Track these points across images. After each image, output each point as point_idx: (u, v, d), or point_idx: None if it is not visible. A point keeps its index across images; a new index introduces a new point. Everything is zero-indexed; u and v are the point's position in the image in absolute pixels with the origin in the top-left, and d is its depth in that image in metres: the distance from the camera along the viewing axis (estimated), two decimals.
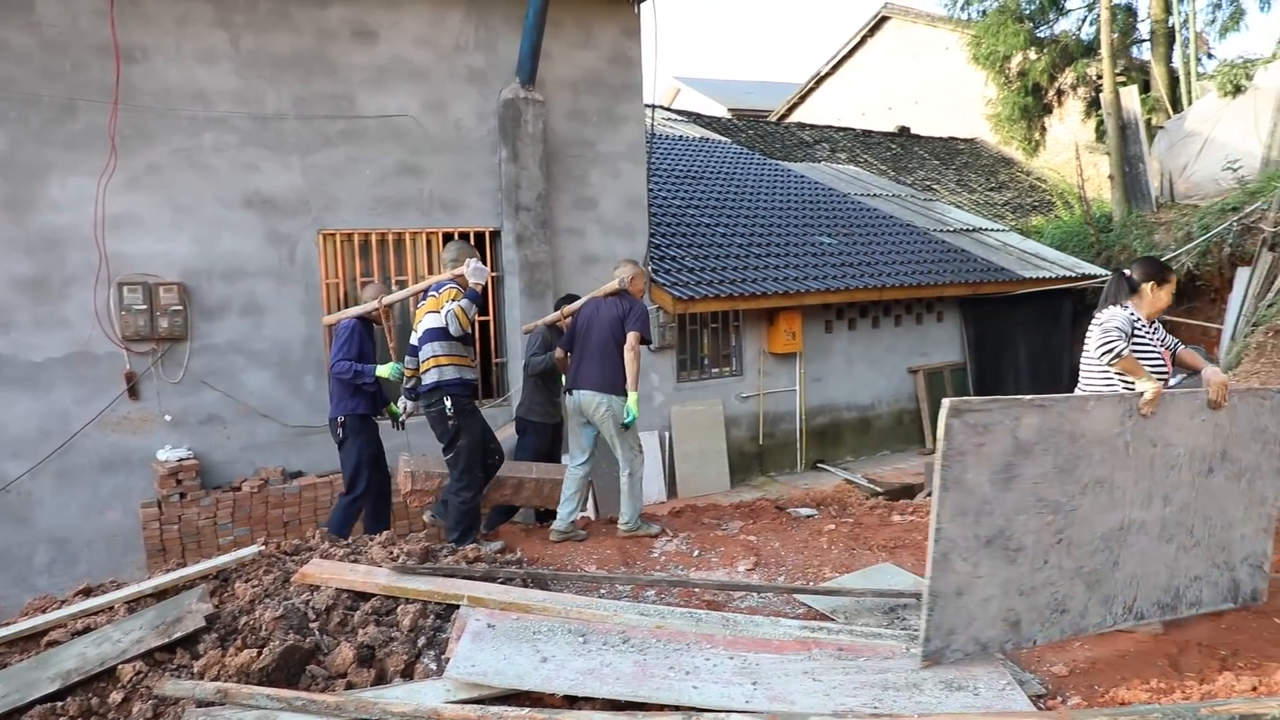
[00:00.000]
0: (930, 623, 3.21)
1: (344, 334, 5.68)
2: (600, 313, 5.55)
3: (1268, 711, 2.92)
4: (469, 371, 5.29)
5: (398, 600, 3.61)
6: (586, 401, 5.43)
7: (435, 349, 5.18)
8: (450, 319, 5.02)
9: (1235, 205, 12.03)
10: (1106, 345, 3.77)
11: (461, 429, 5.18)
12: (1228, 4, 17.06)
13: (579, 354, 5.56)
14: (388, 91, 7.20)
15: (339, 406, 5.74)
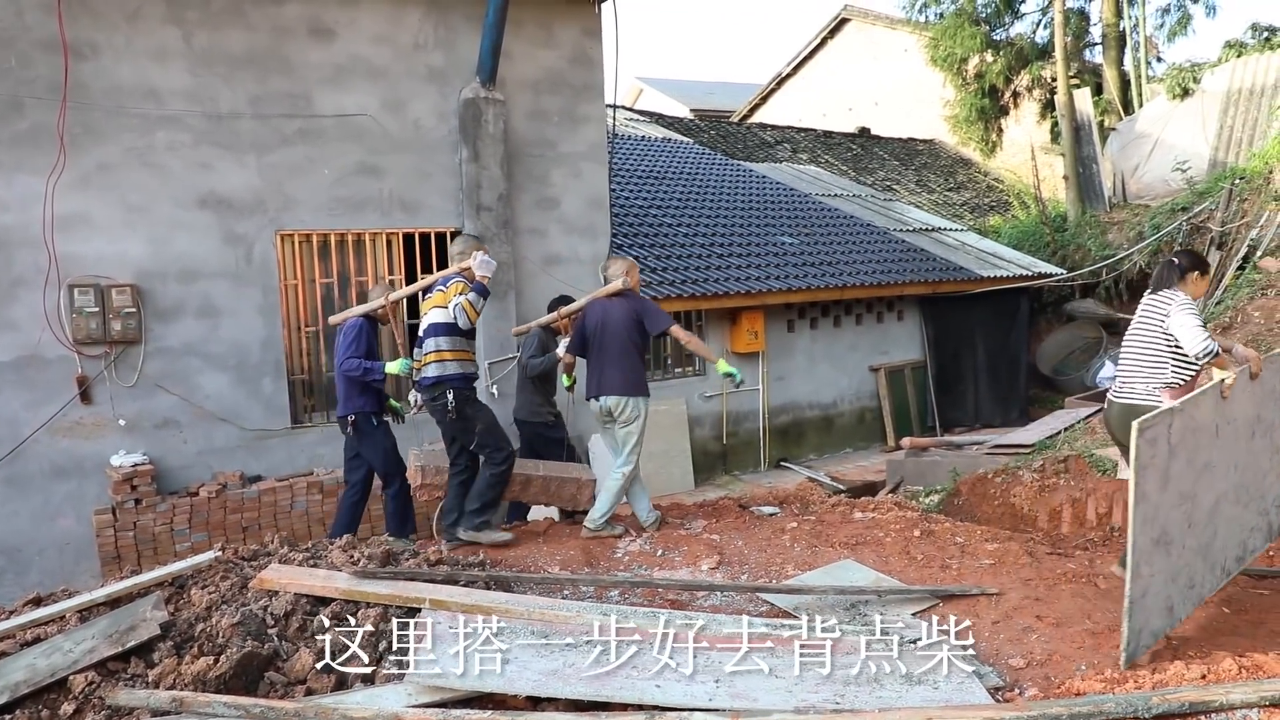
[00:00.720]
0: (1130, 629, 3.42)
1: (350, 333, 5.67)
2: (611, 315, 5.50)
3: (1215, 698, 2.99)
4: (471, 366, 5.32)
5: (358, 604, 3.57)
6: (614, 405, 5.44)
7: (440, 343, 5.18)
8: (459, 312, 5.04)
9: (1184, 205, 12.34)
10: (1205, 346, 4.05)
11: (473, 418, 5.24)
12: (1175, 9, 17.51)
13: (597, 359, 5.52)
14: (346, 90, 7.12)
15: (348, 405, 5.73)
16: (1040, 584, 4.47)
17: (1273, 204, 10.81)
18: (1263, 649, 3.66)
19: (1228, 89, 13.85)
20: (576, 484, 5.81)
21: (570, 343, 5.78)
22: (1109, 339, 12.53)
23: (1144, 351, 4.30)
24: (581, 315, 5.73)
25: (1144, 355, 4.30)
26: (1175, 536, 3.65)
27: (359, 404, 5.72)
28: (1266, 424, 4.31)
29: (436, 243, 7.57)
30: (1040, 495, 7.07)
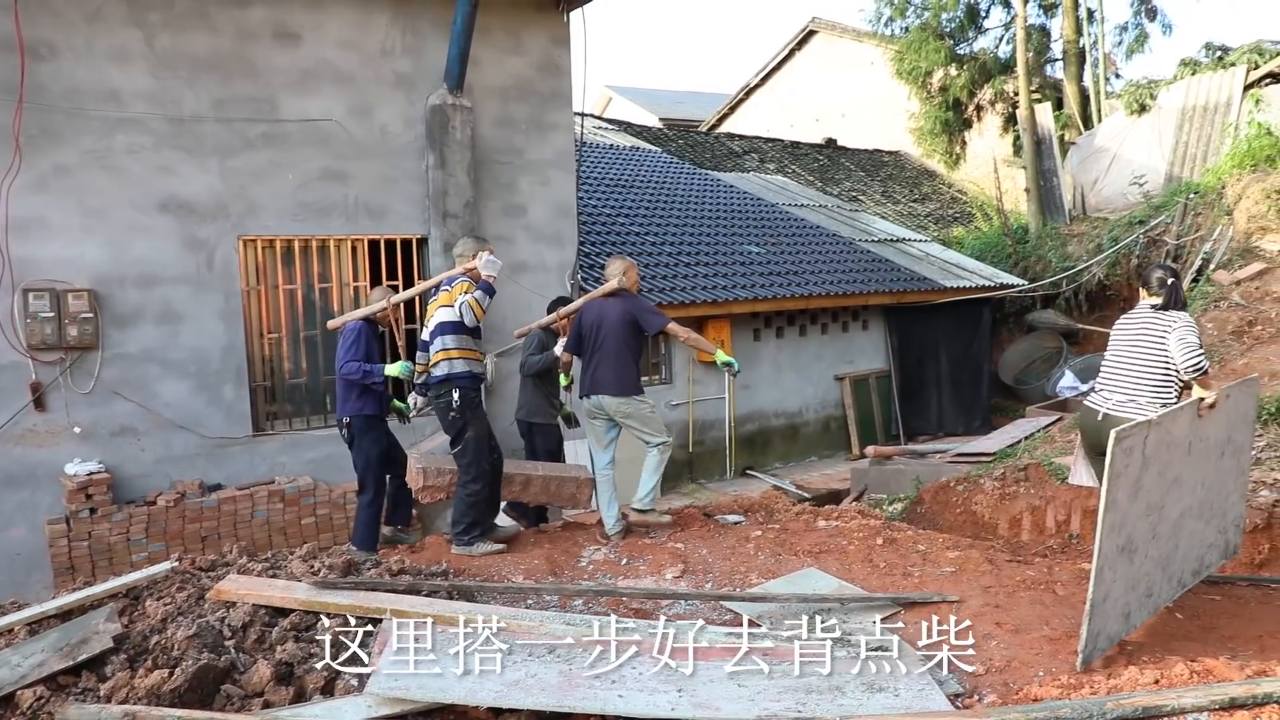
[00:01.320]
0: (1089, 632, 3.47)
1: (350, 336, 5.69)
2: (607, 314, 5.57)
3: (1168, 703, 3.05)
4: (478, 365, 5.40)
5: (318, 615, 3.53)
6: (607, 404, 5.53)
7: (447, 342, 5.26)
8: (465, 310, 5.12)
9: (1141, 219, 12.60)
10: (1197, 362, 4.18)
11: (468, 422, 5.26)
12: (1133, 28, 17.92)
13: (593, 358, 5.59)
14: (311, 95, 7.06)
15: (345, 408, 5.75)
16: (1000, 591, 4.53)
17: (1225, 218, 11.08)
18: (1213, 653, 3.74)
19: (1183, 106, 14.18)
20: (576, 483, 5.89)
21: (567, 342, 5.84)
22: (1069, 349, 12.74)
23: (1147, 370, 4.35)
24: (578, 314, 5.78)
25: (1147, 374, 4.35)
26: (1139, 546, 3.74)
27: (357, 407, 5.72)
28: (1236, 445, 4.45)
29: (402, 249, 7.52)
30: (1001, 503, 7.17)
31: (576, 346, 5.74)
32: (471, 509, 5.28)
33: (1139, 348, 4.40)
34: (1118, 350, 4.50)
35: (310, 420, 7.27)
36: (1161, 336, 4.31)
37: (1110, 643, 3.69)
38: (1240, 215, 10.89)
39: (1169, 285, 4.43)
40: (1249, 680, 3.22)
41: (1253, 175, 11.26)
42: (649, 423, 5.60)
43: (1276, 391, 6.88)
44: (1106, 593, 3.57)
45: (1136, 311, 4.55)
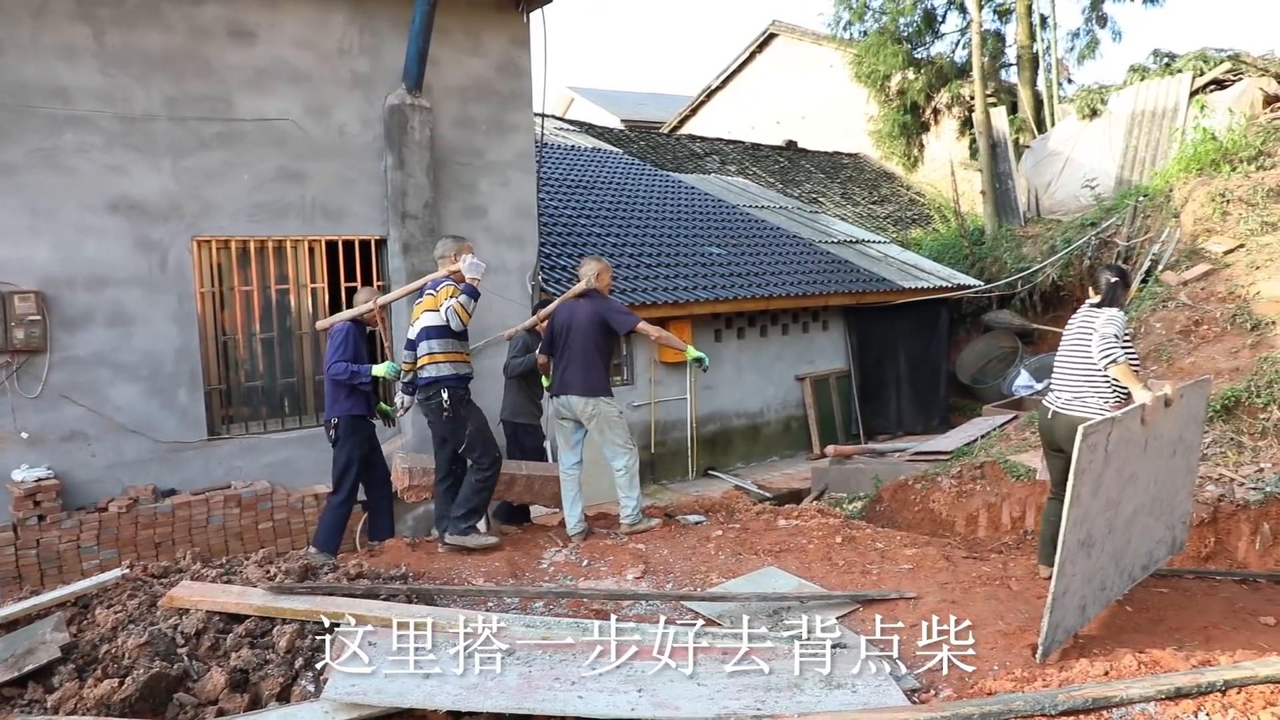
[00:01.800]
0: (1049, 625, 3.56)
1: (338, 337, 5.74)
2: (576, 315, 5.62)
3: (1117, 694, 3.13)
4: (464, 367, 5.44)
5: (274, 621, 3.48)
6: (575, 404, 5.56)
7: (433, 345, 5.30)
8: (450, 315, 5.15)
9: (1093, 221, 12.86)
10: (1105, 351, 4.25)
11: (464, 419, 5.33)
12: (1084, 34, 18.31)
13: (562, 358, 5.64)
14: (267, 94, 6.97)
15: (334, 409, 5.78)
16: (956, 587, 4.59)
17: (1173, 220, 11.34)
18: (1160, 645, 3.84)
19: (1132, 111, 14.50)
20: (559, 482, 5.89)
21: (542, 343, 5.90)
22: (1024, 348, 12.97)
23: (1088, 368, 4.43)
24: (552, 315, 5.83)
25: (1089, 372, 4.43)
26: (1097, 540, 3.85)
27: (345, 407, 5.75)
28: (1186, 445, 4.61)
29: (360, 250, 7.45)
30: (958, 500, 7.28)
31: (550, 347, 5.79)
32: (477, 494, 5.33)
33: (1078, 346, 4.51)
34: (1063, 350, 4.62)
35: (267, 424, 7.17)
36: (1089, 329, 4.42)
37: (1067, 635, 3.77)
38: (1187, 217, 11.16)
39: (1110, 285, 4.53)
40: (1194, 670, 3.31)
41: (1198, 179, 11.54)
42: (614, 428, 5.61)
43: (1222, 389, 7.06)
44: (1066, 586, 3.65)
45: (1080, 311, 4.66)
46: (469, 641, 3.34)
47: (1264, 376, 7.20)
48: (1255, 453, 6.62)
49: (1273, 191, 10.69)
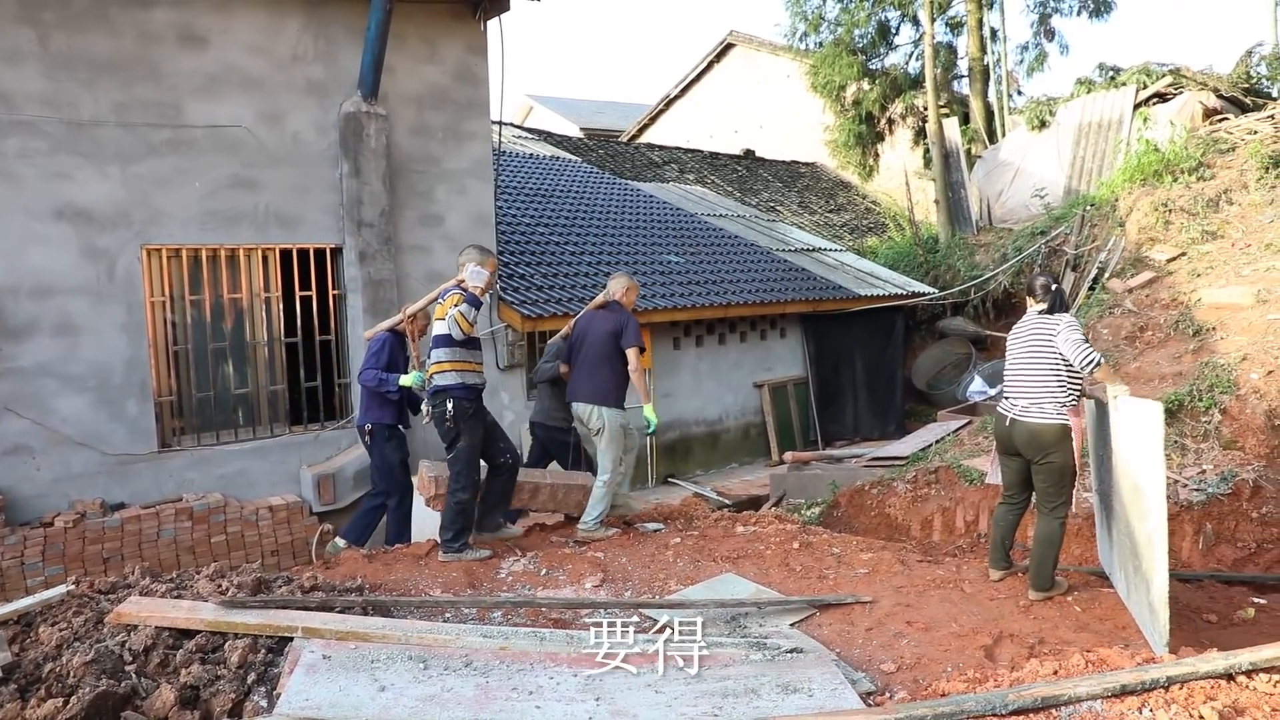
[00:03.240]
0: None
1: (376, 346, 6.09)
2: (594, 326, 5.84)
3: (1065, 692, 3.19)
4: (472, 376, 5.37)
5: (226, 636, 3.42)
6: (581, 411, 5.78)
7: (439, 354, 5.32)
8: (451, 324, 5.19)
9: (1043, 229, 13.14)
10: (1090, 357, 4.32)
11: (461, 432, 5.31)
12: (1033, 47, 18.74)
13: (576, 366, 5.87)
14: (219, 100, 6.87)
15: (365, 415, 6.12)
16: (911, 591, 4.66)
17: (1119, 229, 11.63)
18: (1107, 643, 3.93)
19: (1079, 122, 14.84)
20: (583, 491, 6.03)
21: (565, 351, 6.12)
22: (977, 355, 13.19)
23: (1044, 374, 4.48)
24: (575, 323, 6.06)
25: (1045, 378, 4.48)
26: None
27: (376, 415, 6.07)
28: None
29: (315, 259, 7.36)
30: (913, 505, 7.39)
31: (569, 356, 6.01)
32: (459, 516, 5.34)
33: (1034, 354, 4.55)
34: (1016, 358, 4.65)
35: (220, 435, 7.05)
36: (1050, 340, 4.47)
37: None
38: (1132, 226, 11.46)
39: (1052, 291, 4.63)
40: (1138, 667, 3.39)
41: (1142, 189, 11.86)
42: (611, 443, 5.72)
43: (1164, 394, 7.26)
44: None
45: (1026, 319, 4.69)
46: (425, 653, 3.31)
47: (1205, 381, 7.41)
48: (1198, 455, 6.81)
49: (1212, 201, 11.02)
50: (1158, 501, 3.86)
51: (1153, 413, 3.89)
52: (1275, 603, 5.13)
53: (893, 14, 19.24)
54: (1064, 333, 4.43)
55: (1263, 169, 10.95)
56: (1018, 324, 4.74)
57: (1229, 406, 7.12)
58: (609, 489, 5.79)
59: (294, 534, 6.96)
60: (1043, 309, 4.61)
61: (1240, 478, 6.29)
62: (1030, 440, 4.51)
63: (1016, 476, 4.75)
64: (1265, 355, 7.47)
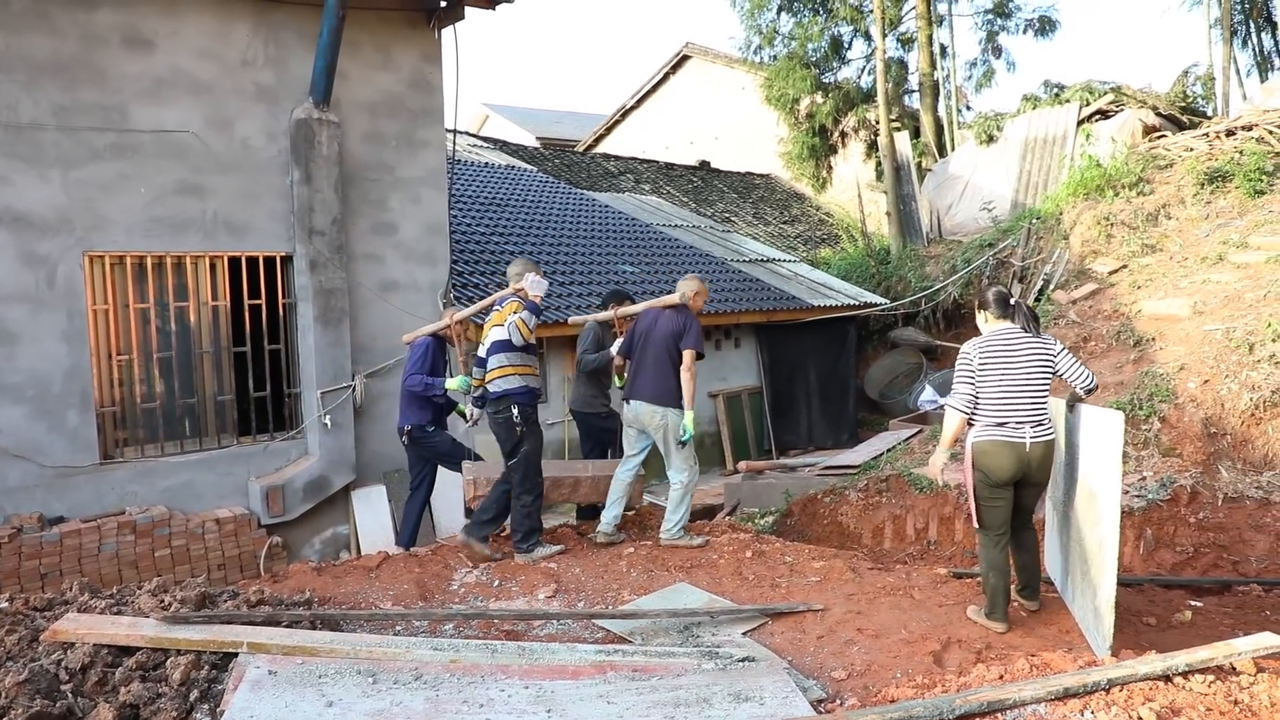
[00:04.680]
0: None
1: (419, 350, 6.30)
2: (659, 326, 5.85)
3: (1009, 696, 3.25)
4: (534, 380, 5.67)
5: (168, 653, 3.34)
6: (643, 412, 5.78)
7: (502, 359, 5.56)
8: (512, 330, 5.46)
9: (991, 241, 13.42)
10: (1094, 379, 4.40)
11: (524, 437, 5.54)
12: (981, 64, 19.16)
13: (637, 364, 5.88)
14: (166, 105, 6.74)
15: (405, 417, 6.36)
16: (862, 598, 4.72)
17: (1063, 242, 11.92)
18: (1051, 648, 4.01)
19: (1025, 137, 15.21)
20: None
21: (621, 344, 6.15)
22: (928, 364, 13.40)
23: (1046, 393, 4.38)
24: (635, 319, 6.11)
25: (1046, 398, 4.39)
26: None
27: (416, 417, 6.30)
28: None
29: (265, 267, 7.25)
30: (865, 513, 7.47)
31: (628, 350, 6.05)
32: (527, 519, 5.55)
33: (1039, 375, 4.32)
34: (1015, 380, 4.30)
35: (165, 446, 6.89)
36: (1051, 360, 4.34)
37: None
38: (1075, 239, 11.75)
39: (1024, 310, 4.44)
40: (1080, 670, 3.46)
41: (1085, 203, 12.17)
42: (679, 446, 5.80)
43: (1108, 402, 7.44)
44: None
45: (1007, 337, 4.36)
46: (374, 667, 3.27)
47: (1145, 390, 7.62)
48: (1138, 462, 6.99)
49: (1151, 216, 11.35)
50: (1111, 509, 3.93)
51: (1113, 422, 3.97)
52: (1211, 605, 5.27)
53: (845, 29, 19.54)
54: (1065, 356, 4.36)
55: (1198, 185, 11.30)
56: (999, 343, 4.36)
57: (1168, 415, 7.32)
58: (688, 490, 5.85)
59: (242, 547, 6.83)
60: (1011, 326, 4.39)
61: (1179, 484, 6.47)
62: (1044, 459, 4.34)
63: (1011, 507, 4.40)
64: (1201, 365, 7.70)
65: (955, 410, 4.36)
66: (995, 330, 4.42)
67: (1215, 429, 7.20)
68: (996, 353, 4.33)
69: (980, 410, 4.34)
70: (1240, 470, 6.91)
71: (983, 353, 4.35)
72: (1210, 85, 16.66)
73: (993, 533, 4.38)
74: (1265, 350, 7.54)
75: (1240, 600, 5.38)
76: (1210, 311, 8.56)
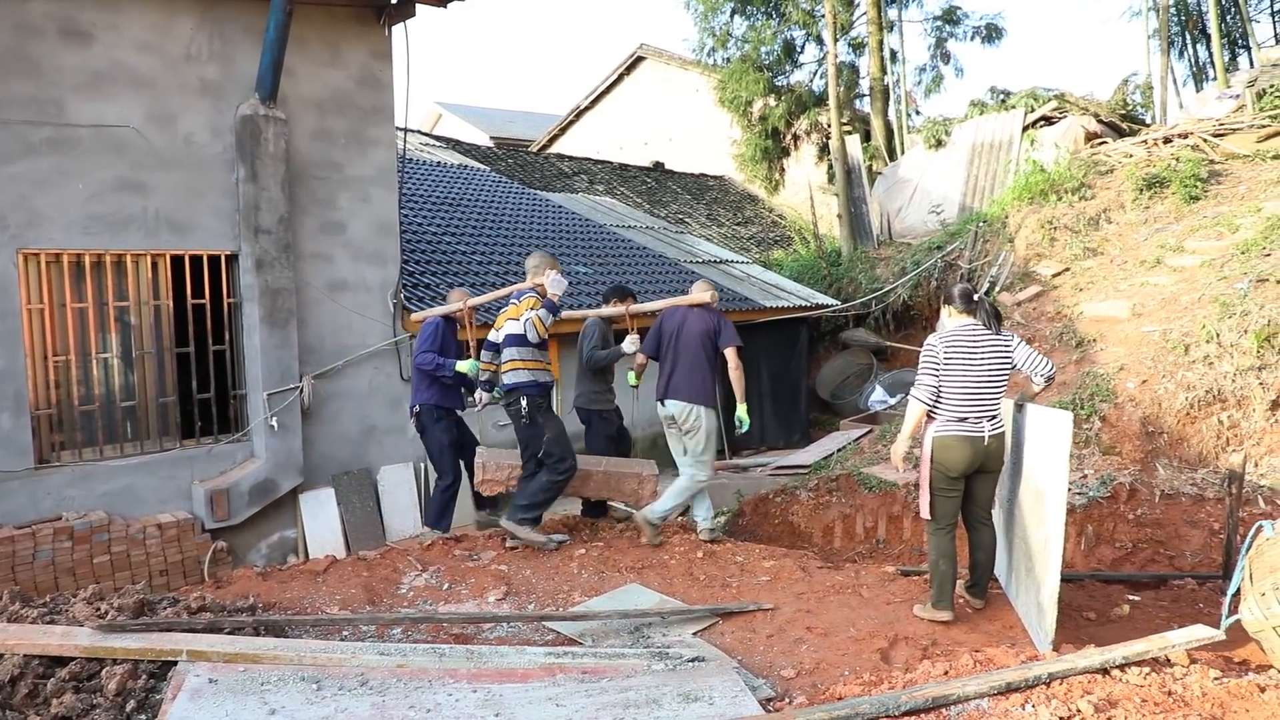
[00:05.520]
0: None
1: (428, 330, 6.39)
2: (690, 324, 5.90)
3: (954, 691, 3.31)
4: (544, 375, 5.84)
5: (104, 663, 3.25)
6: (679, 411, 5.85)
7: (514, 353, 5.70)
8: (528, 327, 5.56)
9: (939, 244, 13.64)
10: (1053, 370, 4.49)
11: (543, 425, 5.69)
12: (930, 69, 19.49)
13: (670, 363, 5.90)
14: (106, 99, 6.56)
15: (416, 396, 6.43)
16: (811, 597, 4.76)
17: (1008, 245, 12.17)
18: (995, 643, 4.09)
19: (973, 142, 15.50)
20: (638, 479, 6.23)
21: (645, 343, 6.14)
22: (879, 365, 13.58)
23: (1003, 389, 4.48)
24: (659, 318, 6.13)
25: (1003, 392, 4.49)
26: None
27: (425, 397, 6.35)
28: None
29: (210, 266, 7.09)
30: (815, 513, 7.55)
31: (654, 350, 6.05)
32: (544, 492, 5.68)
33: (998, 371, 4.41)
34: (975, 376, 4.37)
35: (104, 450, 6.71)
36: (1009, 356, 4.44)
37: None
38: (1020, 243, 12.01)
39: (988, 306, 4.53)
40: (1022, 665, 3.54)
41: (1030, 207, 12.44)
42: (704, 445, 5.91)
43: (1051, 402, 7.61)
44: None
45: (970, 333, 4.44)
46: (319, 673, 3.22)
47: (1086, 390, 7.81)
48: (1080, 460, 7.16)
49: (1093, 220, 11.64)
50: (1058, 508, 4.03)
51: (1062, 423, 4.07)
52: (1149, 599, 5.43)
53: (798, 33, 19.72)
54: (1022, 348, 4.47)
55: (1137, 190, 11.62)
56: (961, 339, 4.42)
57: (1108, 414, 7.51)
58: (693, 488, 5.95)
59: (185, 553, 6.67)
60: (973, 323, 4.46)
61: (1118, 481, 6.64)
62: (999, 450, 4.48)
63: (961, 498, 4.51)
64: (1140, 365, 7.91)
65: (918, 401, 4.46)
66: (959, 325, 4.51)
67: (1153, 428, 7.41)
68: (961, 348, 4.42)
69: (942, 404, 4.43)
70: (1176, 468, 7.11)
71: (948, 347, 4.43)
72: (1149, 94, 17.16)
73: (944, 522, 4.49)
74: (1199, 351, 7.77)
75: (1176, 594, 5.55)
76: (1148, 313, 8.80)
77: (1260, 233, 9.22)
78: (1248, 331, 7.66)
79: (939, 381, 4.42)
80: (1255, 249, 8.93)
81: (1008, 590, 4.87)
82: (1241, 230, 9.63)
